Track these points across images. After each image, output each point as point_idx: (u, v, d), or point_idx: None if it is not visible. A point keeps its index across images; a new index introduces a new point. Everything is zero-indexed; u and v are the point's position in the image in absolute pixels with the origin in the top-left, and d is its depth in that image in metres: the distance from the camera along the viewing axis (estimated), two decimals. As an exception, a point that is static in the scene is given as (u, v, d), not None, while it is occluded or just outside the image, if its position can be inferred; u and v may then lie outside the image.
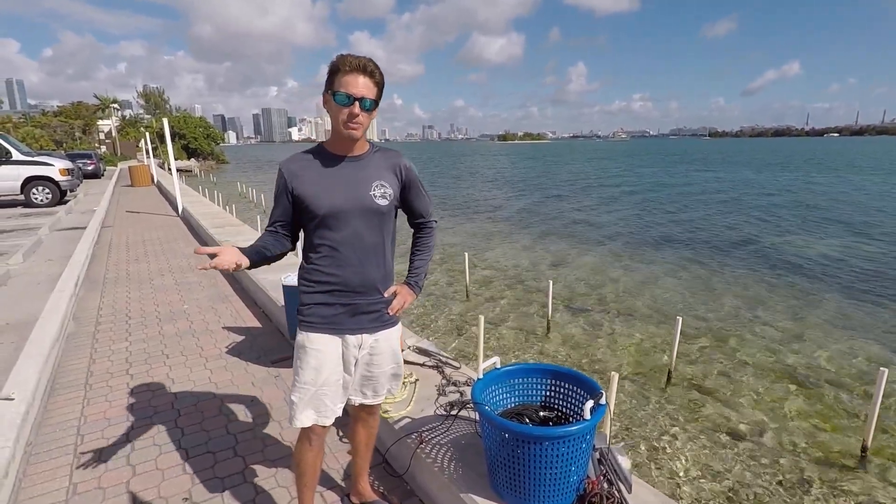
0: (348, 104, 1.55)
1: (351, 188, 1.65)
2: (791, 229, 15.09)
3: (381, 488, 2.27)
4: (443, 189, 29.57)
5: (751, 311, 7.91)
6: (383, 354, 1.83)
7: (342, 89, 1.55)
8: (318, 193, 1.63)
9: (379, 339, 1.81)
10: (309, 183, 1.64)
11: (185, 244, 8.29)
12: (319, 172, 1.66)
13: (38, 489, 2.30)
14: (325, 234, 1.66)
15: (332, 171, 1.66)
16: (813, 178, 33.91)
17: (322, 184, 1.64)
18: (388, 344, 1.84)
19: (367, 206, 1.67)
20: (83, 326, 4.47)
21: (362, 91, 1.56)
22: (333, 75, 1.57)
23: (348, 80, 1.55)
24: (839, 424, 4.80)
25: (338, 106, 1.57)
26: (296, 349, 1.75)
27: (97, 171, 24.74)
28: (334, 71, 1.57)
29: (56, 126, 44.82)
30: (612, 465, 1.82)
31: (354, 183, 1.66)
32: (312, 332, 1.71)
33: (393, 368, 1.89)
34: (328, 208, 1.63)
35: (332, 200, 1.63)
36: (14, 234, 9.06)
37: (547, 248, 12.65)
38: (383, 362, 1.84)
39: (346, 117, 1.57)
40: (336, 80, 1.56)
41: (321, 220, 1.65)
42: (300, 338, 1.73)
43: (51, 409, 3.04)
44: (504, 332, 7.09)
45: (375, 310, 1.77)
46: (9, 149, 12.60)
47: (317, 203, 1.63)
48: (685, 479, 3.99)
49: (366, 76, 1.56)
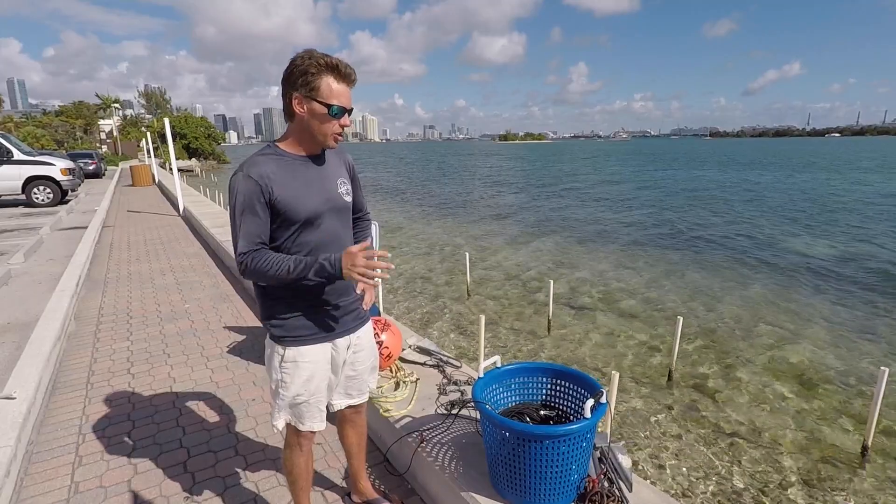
0: (341, 116, 1.51)
1: (322, 188, 1.61)
2: (793, 229, 15.07)
3: (383, 487, 2.27)
4: (444, 188, 29.59)
5: (752, 310, 7.90)
6: (364, 350, 1.85)
7: (336, 101, 1.47)
8: (297, 198, 1.53)
9: (361, 336, 1.82)
10: (286, 188, 1.51)
11: (186, 244, 8.30)
12: (291, 176, 1.54)
13: (39, 488, 2.30)
14: (302, 238, 1.57)
15: (300, 174, 1.57)
16: (815, 177, 33.89)
17: (297, 188, 1.54)
18: (367, 339, 1.86)
19: (338, 205, 1.65)
20: (84, 326, 4.48)
21: (350, 101, 1.51)
22: (317, 78, 1.45)
23: (341, 91, 1.48)
24: (840, 424, 4.80)
25: (330, 118, 1.49)
26: (280, 365, 1.65)
27: (98, 171, 24.77)
28: (318, 74, 1.45)
29: (57, 126, 44.86)
30: (613, 463, 1.83)
31: (323, 182, 1.62)
32: (303, 345, 1.64)
33: (372, 362, 1.91)
34: (308, 212, 1.55)
35: (309, 203, 1.55)
36: (15, 233, 9.08)
37: (548, 248, 12.65)
38: (365, 358, 1.86)
39: (337, 129, 1.52)
40: (323, 87, 1.45)
41: (300, 226, 1.56)
42: (290, 354, 1.63)
43: (52, 408, 3.04)
44: (504, 331, 7.09)
45: (355, 308, 1.76)
46: (10, 148, 12.62)
47: (297, 208, 1.52)
48: (686, 477, 3.99)
49: (351, 85, 1.51)
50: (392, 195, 26.14)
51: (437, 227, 16.12)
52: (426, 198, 24.91)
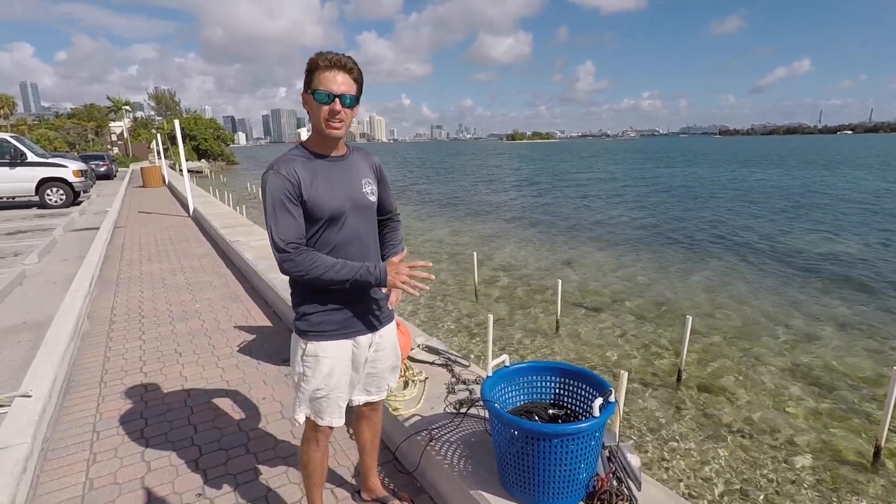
0: (328, 102, 1.53)
1: (347, 187, 1.65)
2: (805, 228, 14.91)
3: (392, 485, 2.28)
4: (451, 188, 29.59)
5: (763, 310, 7.83)
6: (386, 349, 1.87)
7: (321, 87, 1.52)
8: (322, 196, 1.59)
9: (383, 334, 1.84)
10: (312, 186, 1.58)
11: (196, 244, 8.37)
12: (315, 174, 1.60)
13: (55, 484, 2.34)
14: (326, 236, 1.63)
15: (325, 173, 1.62)
16: (826, 175, 33.50)
17: (321, 186, 1.60)
18: (390, 339, 1.88)
19: (362, 204, 1.69)
20: (97, 325, 4.54)
21: (342, 88, 1.53)
22: (311, 74, 1.54)
23: (327, 77, 1.52)
24: (852, 425, 4.75)
25: (318, 104, 1.54)
26: (302, 359, 1.71)
27: (109, 173, 25.07)
28: (312, 69, 1.54)
29: (69, 128, 45.43)
30: (622, 462, 1.82)
31: (348, 182, 1.67)
32: (325, 340, 1.68)
33: (393, 361, 1.93)
34: (332, 210, 1.60)
35: (335, 202, 1.61)
36: (29, 234, 9.21)
37: (556, 247, 12.61)
38: (386, 357, 1.88)
39: (326, 115, 1.55)
40: (314, 79, 1.53)
41: (324, 223, 1.61)
42: (311, 348, 1.68)
43: (67, 406, 3.09)
44: (513, 330, 7.09)
45: (379, 307, 1.79)
46: (24, 151, 12.79)
47: (321, 206, 1.58)
48: (695, 477, 3.97)
49: (344, 72, 1.54)
50: (398, 194, 26.18)
51: (443, 225, 16.14)
52: (432, 196, 24.94)
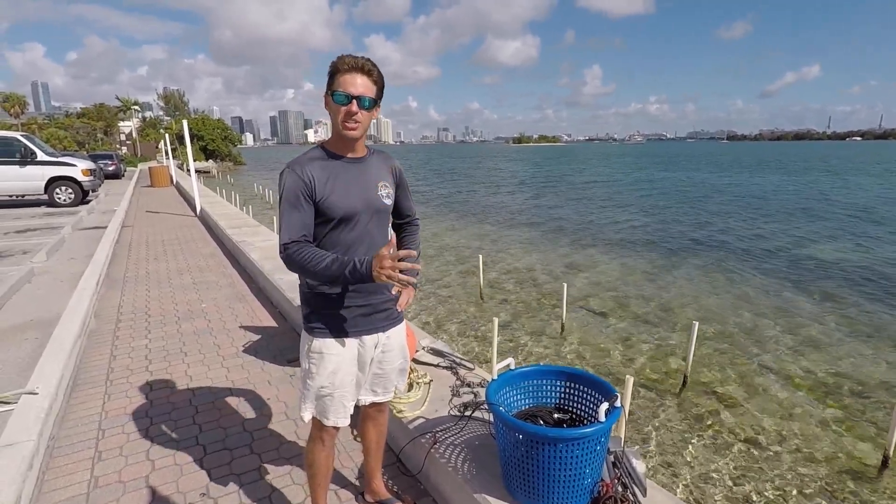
0: (346, 103, 1.56)
1: (361, 189, 1.67)
2: (815, 236, 14.81)
3: (395, 487, 2.28)
4: (457, 191, 29.59)
5: (770, 317, 7.77)
6: (394, 351, 1.87)
7: (340, 88, 1.56)
8: (336, 196, 1.62)
9: (391, 336, 1.84)
10: (327, 186, 1.62)
11: (202, 244, 8.41)
12: (331, 174, 1.64)
13: (60, 482, 2.35)
14: (337, 236, 1.65)
15: (342, 173, 1.66)
16: (840, 182, 33.26)
17: (336, 186, 1.63)
18: (398, 340, 1.88)
19: (377, 206, 1.71)
20: (104, 324, 4.56)
21: (360, 90, 1.56)
22: (333, 76, 1.58)
23: (346, 80, 1.56)
24: (860, 434, 4.70)
25: (336, 105, 1.57)
26: (308, 355, 1.73)
27: (118, 172, 25.23)
28: (334, 72, 1.58)
29: (79, 127, 45.87)
30: (627, 468, 1.81)
31: (364, 184, 1.69)
32: (329, 337, 1.71)
33: (401, 363, 1.93)
34: (345, 210, 1.63)
35: (348, 202, 1.63)
36: (38, 232, 9.27)
37: (562, 251, 12.59)
38: (393, 359, 1.88)
39: (343, 116, 1.58)
40: (335, 81, 1.57)
41: (336, 223, 1.64)
42: (317, 344, 1.71)
43: (73, 404, 3.11)
44: (518, 333, 7.07)
45: (387, 308, 1.79)
46: (34, 149, 12.90)
47: (334, 206, 1.61)
48: (700, 484, 3.94)
49: (363, 75, 1.58)
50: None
51: (448, 228, 16.14)
52: (438, 199, 24.94)
